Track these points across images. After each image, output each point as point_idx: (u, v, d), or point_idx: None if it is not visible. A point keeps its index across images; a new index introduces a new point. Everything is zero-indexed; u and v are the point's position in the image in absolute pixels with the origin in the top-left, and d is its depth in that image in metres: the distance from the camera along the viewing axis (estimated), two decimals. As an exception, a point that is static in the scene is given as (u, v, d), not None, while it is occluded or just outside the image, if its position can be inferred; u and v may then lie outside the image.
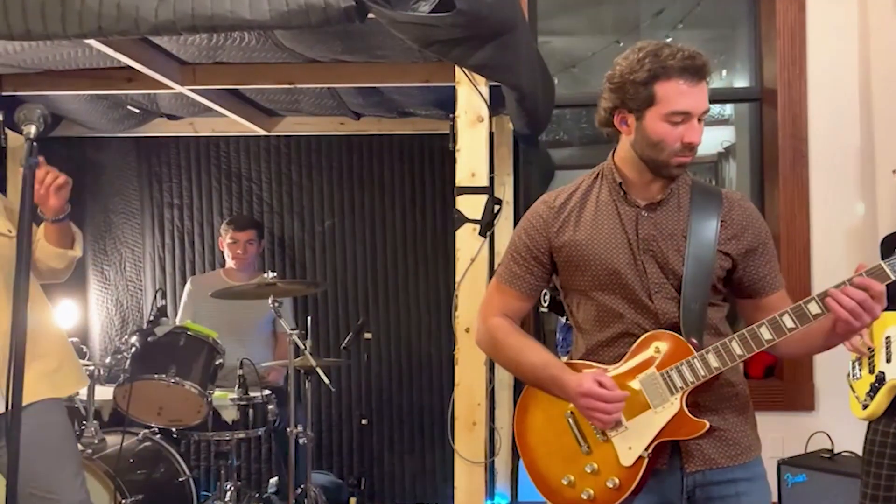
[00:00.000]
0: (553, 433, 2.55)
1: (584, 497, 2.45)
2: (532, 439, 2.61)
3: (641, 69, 2.37)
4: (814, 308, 2.29)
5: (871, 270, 2.28)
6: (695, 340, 2.39)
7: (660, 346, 2.41)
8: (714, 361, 2.36)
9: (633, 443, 2.41)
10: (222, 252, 5.48)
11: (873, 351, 3.69)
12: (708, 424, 2.37)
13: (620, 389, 2.38)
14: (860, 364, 3.80)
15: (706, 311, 2.44)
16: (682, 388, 2.38)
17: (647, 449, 2.39)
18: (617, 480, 2.41)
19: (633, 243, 2.46)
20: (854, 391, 3.80)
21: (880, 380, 3.61)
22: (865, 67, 5.01)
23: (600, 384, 2.36)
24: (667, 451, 2.43)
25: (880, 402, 3.61)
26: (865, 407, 3.68)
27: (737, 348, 2.36)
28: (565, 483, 2.50)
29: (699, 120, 2.39)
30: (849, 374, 3.87)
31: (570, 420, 2.51)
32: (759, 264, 2.51)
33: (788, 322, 2.31)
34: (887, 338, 3.62)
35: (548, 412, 2.57)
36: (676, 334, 2.41)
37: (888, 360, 3.60)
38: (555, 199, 2.60)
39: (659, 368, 2.40)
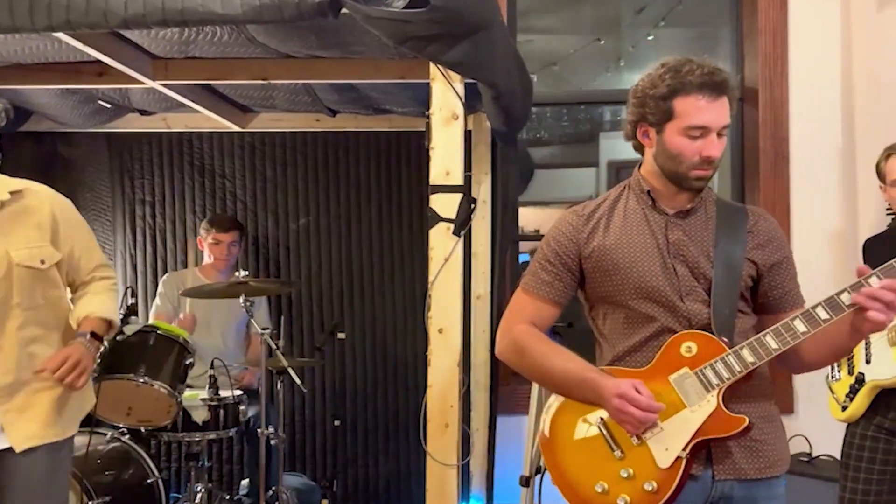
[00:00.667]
0: (583, 442, 2.54)
1: (620, 503, 2.43)
2: (560, 451, 2.59)
3: (662, 84, 2.45)
4: (846, 298, 2.32)
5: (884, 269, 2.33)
6: (726, 339, 2.42)
7: (691, 345, 2.44)
8: (749, 356, 2.39)
9: (669, 444, 2.40)
10: (200, 251, 5.42)
11: (853, 352, 3.66)
12: (747, 420, 2.37)
13: (652, 391, 2.39)
14: (839, 365, 3.80)
15: (736, 315, 2.48)
16: (717, 385, 2.40)
17: (684, 449, 2.38)
18: (655, 484, 2.40)
19: (663, 247, 2.51)
20: (833, 393, 3.79)
21: (860, 381, 3.60)
22: (848, 67, 4.99)
23: (637, 391, 2.37)
24: (703, 456, 2.43)
25: (860, 404, 3.60)
26: (845, 409, 3.67)
27: (771, 342, 2.38)
28: (599, 491, 2.47)
29: (719, 134, 2.45)
30: (828, 376, 3.86)
31: (602, 426, 2.50)
32: (785, 278, 2.58)
33: (822, 314, 2.34)
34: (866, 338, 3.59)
35: (576, 423, 2.56)
36: (707, 333, 2.43)
37: (868, 361, 3.59)
38: (583, 208, 2.67)
39: (692, 367, 2.41)
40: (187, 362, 4.38)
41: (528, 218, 5.76)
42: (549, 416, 2.62)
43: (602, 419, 2.49)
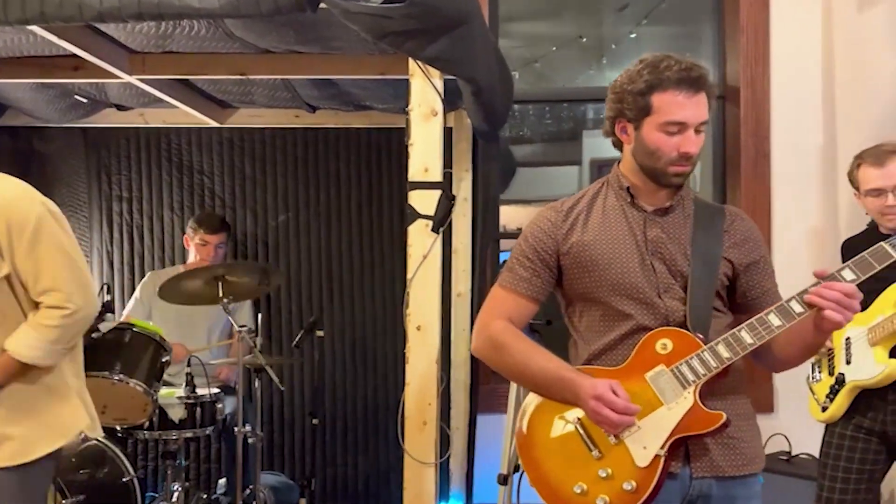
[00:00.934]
0: (560, 443, 2.51)
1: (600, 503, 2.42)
2: (538, 453, 2.56)
3: (640, 80, 2.46)
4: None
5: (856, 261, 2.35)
6: (701, 335, 2.41)
7: (666, 342, 2.42)
8: (725, 352, 2.38)
9: (647, 442, 2.38)
10: (185, 249, 5.40)
11: (832, 353, 3.66)
12: (725, 416, 2.36)
13: (627, 390, 2.36)
14: (819, 366, 3.78)
15: (711, 313, 2.47)
16: (694, 381, 2.38)
17: (662, 447, 2.36)
18: (634, 483, 2.37)
19: (641, 244, 2.50)
20: (814, 393, 3.78)
21: (840, 382, 3.59)
22: (829, 66, 5.00)
23: (614, 392, 2.34)
24: (680, 454, 2.42)
25: (840, 404, 3.60)
26: (825, 409, 3.66)
27: (747, 337, 2.37)
28: (578, 492, 2.44)
29: (697, 131, 2.46)
30: (808, 377, 3.85)
31: (579, 427, 2.47)
32: (762, 278, 2.58)
33: (797, 307, 2.34)
34: (847, 339, 3.59)
35: (553, 423, 2.54)
36: (683, 330, 2.42)
37: (848, 362, 3.58)
38: (562, 204, 2.65)
39: (668, 364, 2.40)
40: (164, 360, 4.34)
41: (510, 216, 5.74)
42: (527, 414, 2.60)
43: (579, 419, 2.47)
